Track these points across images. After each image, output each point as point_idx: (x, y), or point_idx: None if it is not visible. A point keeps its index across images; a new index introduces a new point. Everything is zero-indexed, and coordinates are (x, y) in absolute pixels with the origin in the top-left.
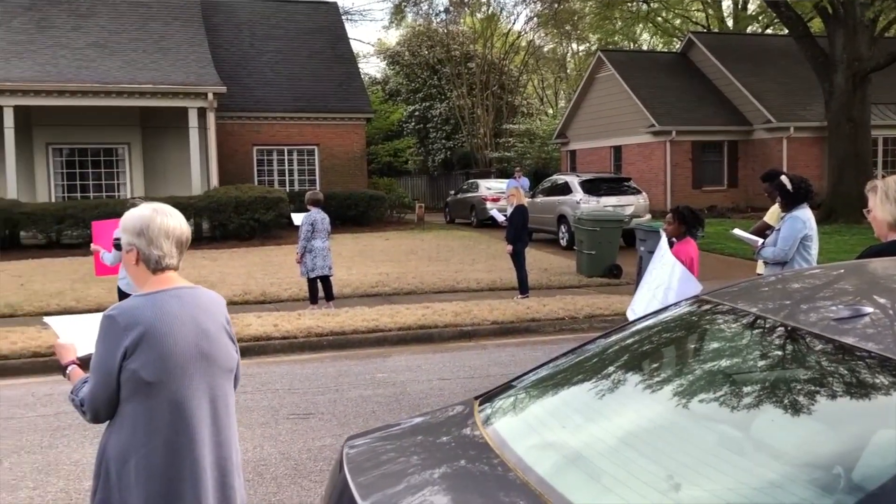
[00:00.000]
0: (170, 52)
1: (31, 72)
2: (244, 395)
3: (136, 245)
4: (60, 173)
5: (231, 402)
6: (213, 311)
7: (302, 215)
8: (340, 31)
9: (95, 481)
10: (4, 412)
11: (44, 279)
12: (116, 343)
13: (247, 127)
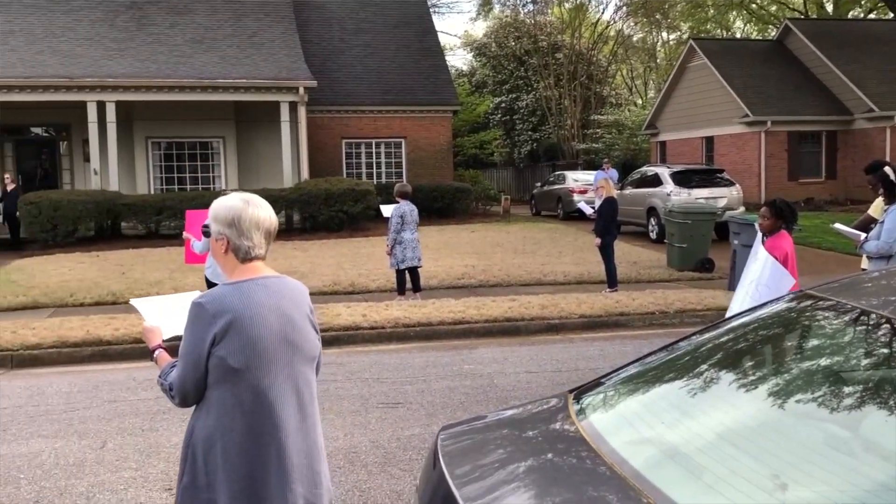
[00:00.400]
0: (263, 47)
1: (132, 68)
2: (334, 384)
3: (226, 235)
4: (159, 166)
5: (314, 390)
6: (298, 301)
7: (391, 207)
8: (428, 24)
9: (182, 464)
10: (107, 395)
11: (144, 268)
12: (205, 330)
13: (336, 120)
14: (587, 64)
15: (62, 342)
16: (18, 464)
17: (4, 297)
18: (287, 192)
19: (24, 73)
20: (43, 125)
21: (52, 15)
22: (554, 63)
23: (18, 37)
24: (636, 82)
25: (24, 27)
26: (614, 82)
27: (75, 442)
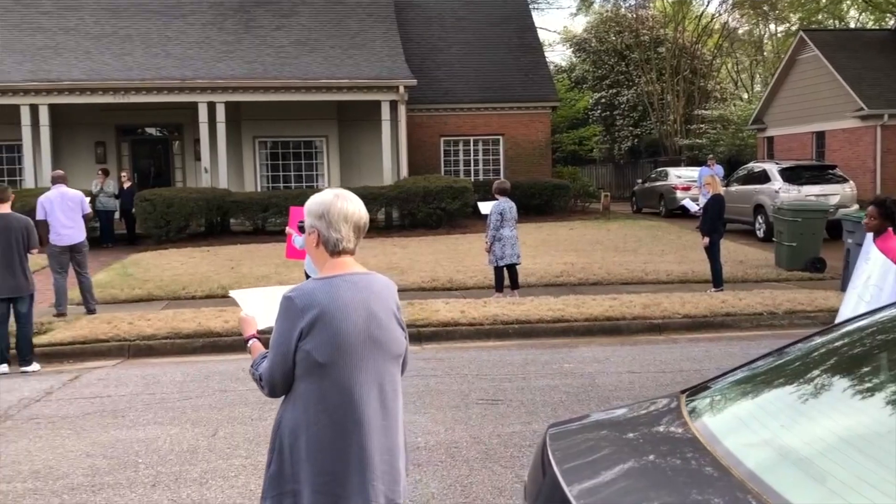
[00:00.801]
0: (364, 47)
1: (241, 70)
2: (434, 379)
3: (317, 227)
4: (265, 164)
5: (398, 388)
6: (385, 297)
7: (489, 204)
8: (527, 20)
9: (270, 453)
10: (218, 385)
11: (251, 263)
12: (293, 323)
13: (435, 118)
14: (691, 58)
15: (175, 333)
16: (136, 448)
17: (122, 289)
18: (387, 189)
19: (140, 75)
20: (157, 125)
21: (166, 20)
22: (656, 57)
23: (136, 41)
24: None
25: (140, 32)
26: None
27: (189, 429)
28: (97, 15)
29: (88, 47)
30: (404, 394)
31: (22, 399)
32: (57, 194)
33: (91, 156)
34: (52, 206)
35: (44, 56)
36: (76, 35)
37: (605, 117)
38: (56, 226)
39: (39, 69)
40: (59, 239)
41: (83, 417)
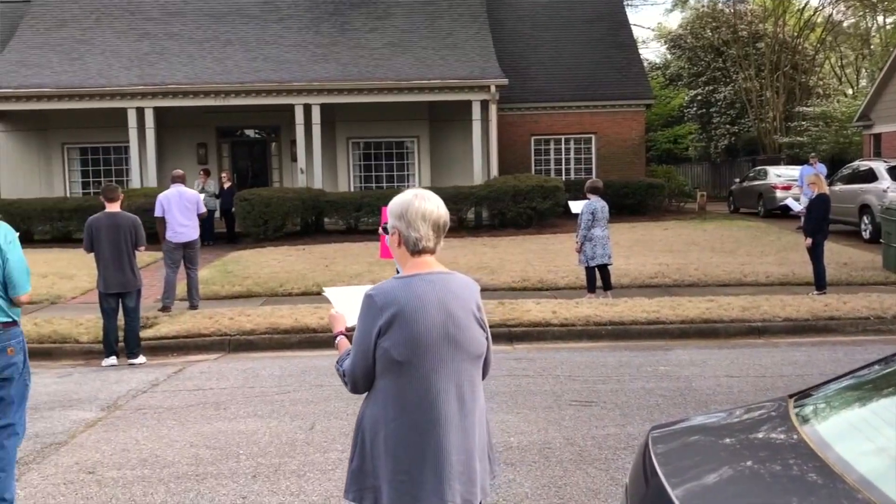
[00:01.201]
0: (456, 47)
1: (336, 72)
2: (526, 379)
3: (397, 227)
4: (358, 165)
5: (478, 388)
6: (464, 297)
7: (580, 203)
8: (621, 17)
9: (353, 448)
10: (314, 380)
11: (345, 261)
12: (373, 321)
13: (526, 117)
14: (791, 53)
15: (273, 329)
16: (238, 440)
17: (222, 286)
18: (477, 189)
19: (239, 79)
20: (255, 127)
21: (264, 24)
22: (755, 53)
23: (235, 45)
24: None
25: (240, 36)
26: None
27: (287, 423)
28: (199, 20)
29: (191, 52)
30: (496, 393)
31: (130, 390)
32: (175, 193)
33: (193, 157)
34: (169, 205)
35: (150, 61)
36: (180, 40)
37: (701, 115)
38: (172, 223)
39: (145, 73)
40: (175, 236)
41: (187, 409)
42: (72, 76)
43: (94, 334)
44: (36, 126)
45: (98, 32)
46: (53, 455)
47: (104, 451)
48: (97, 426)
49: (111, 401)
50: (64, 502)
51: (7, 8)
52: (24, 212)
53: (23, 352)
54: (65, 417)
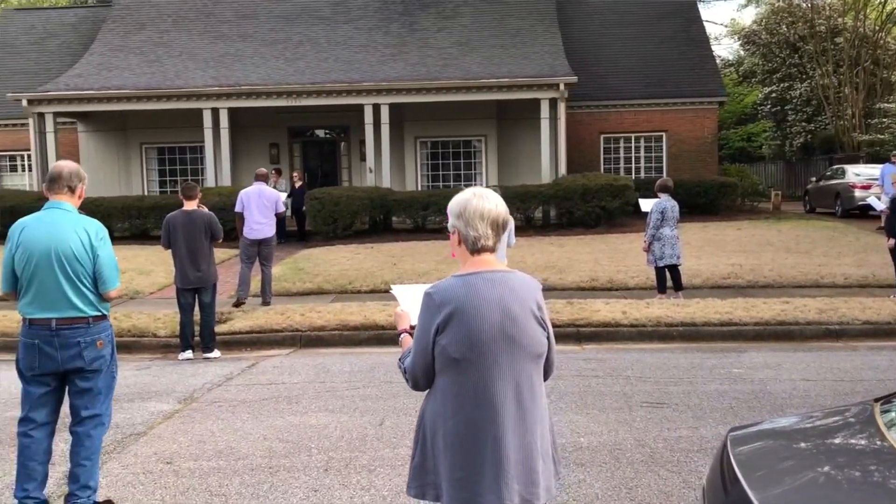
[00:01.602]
0: (525, 46)
1: (404, 72)
2: (596, 380)
3: (457, 227)
4: (426, 164)
5: (538, 388)
6: (523, 296)
7: (650, 201)
8: (693, 13)
9: (415, 444)
10: (383, 377)
11: (412, 259)
12: (431, 319)
13: (595, 115)
14: (872, 47)
15: (343, 325)
16: (310, 434)
17: (294, 283)
18: (545, 187)
19: (310, 79)
20: (325, 127)
21: (334, 25)
22: (833, 48)
23: (306, 46)
24: None
25: (311, 37)
26: None
27: (357, 418)
28: (272, 22)
29: (264, 53)
30: (565, 394)
31: (205, 384)
32: (256, 191)
33: (265, 156)
34: (248, 201)
35: (224, 62)
36: (253, 42)
37: (776, 112)
38: (250, 220)
39: (220, 75)
40: (251, 232)
41: (260, 402)
42: (150, 78)
43: (170, 329)
44: (116, 126)
45: (175, 35)
46: (133, 445)
47: (181, 442)
48: (174, 418)
49: (187, 393)
50: (143, 492)
51: (89, 12)
52: (104, 209)
53: (111, 345)
54: (143, 409)
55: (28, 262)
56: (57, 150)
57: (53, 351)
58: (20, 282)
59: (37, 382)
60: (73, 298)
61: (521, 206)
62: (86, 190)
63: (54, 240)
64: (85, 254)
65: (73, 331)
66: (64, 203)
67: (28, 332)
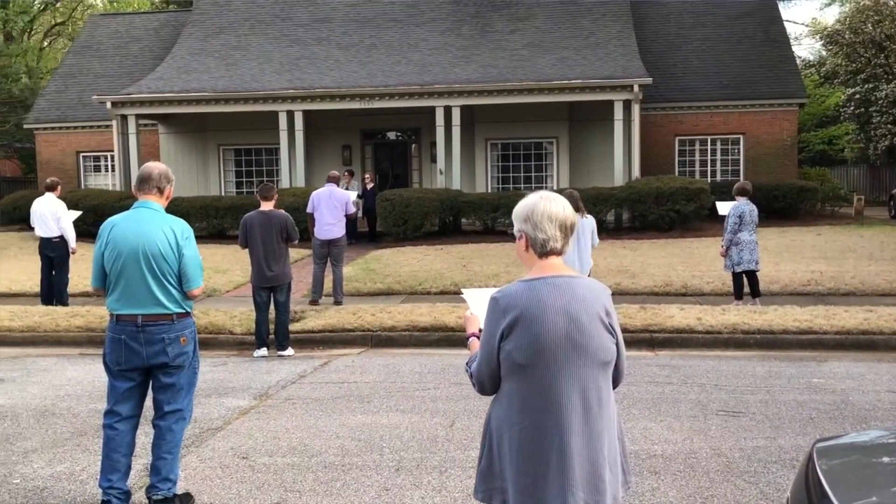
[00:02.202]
0: (598, 47)
1: (476, 74)
2: (669, 387)
3: (524, 231)
4: (496, 166)
5: (605, 395)
6: (590, 302)
7: (728, 204)
8: (773, 12)
9: (482, 448)
10: (453, 378)
11: (482, 262)
12: (496, 324)
13: (669, 117)
14: None
15: (413, 326)
16: (381, 433)
17: (364, 283)
18: (618, 190)
19: (383, 82)
20: (397, 130)
21: (407, 28)
22: None
23: (380, 49)
24: None
25: (384, 41)
26: None
27: (428, 419)
28: (346, 26)
29: (338, 56)
30: (638, 400)
31: (279, 381)
32: (326, 192)
33: (338, 158)
34: (319, 203)
35: (299, 66)
36: (327, 45)
37: (859, 115)
38: (320, 221)
39: (295, 78)
40: (321, 233)
41: (332, 401)
42: (228, 81)
43: (246, 326)
44: (195, 128)
45: (252, 39)
46: (210, 440)
47: (256, 437)
48: (250, 414)
49: (262, 390)
50: (220, 486)
51: (170, 17)
52: (183, 209)
53: (194, 341)
54: (220, 405)
55: (116, 259)
56: (139, 151)
57: (139, 346)
58: (109, 278)
59: (122, 377)
60: (158, 295)
61: (592, 209)
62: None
63: (142, 238)
64: (171, 252)
65: (158, 327)
66: (152, 203)
67: (115, 328)
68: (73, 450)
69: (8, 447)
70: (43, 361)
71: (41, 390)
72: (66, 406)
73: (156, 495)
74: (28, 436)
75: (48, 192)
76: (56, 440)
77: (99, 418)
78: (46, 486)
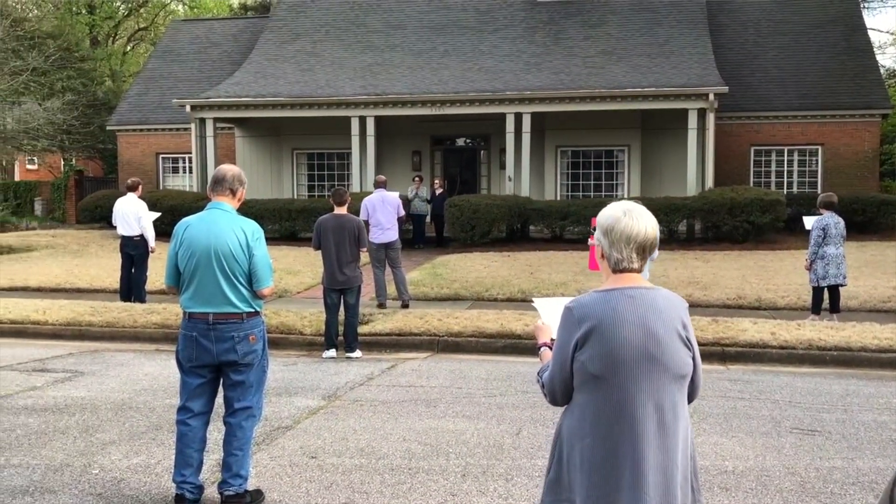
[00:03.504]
0: (672, 55)
1: (548, 80)
2: (742, 402)
3: (601, 243)
4: (566, 174)
5: (680, 410)
6: (668, 315)
7: (813, 219)
8: (857, 20)
9: (550, 459)
10: (520, 386)
11: (549, 269)
12: (570, 334)
13: (745, 127)
14: None
15: (479, 332)
16: (447, 438)
17: (431, 287)
18: (690, 200)
19: (454, 88)
20: (466, 136)
21: (480, 35)
22: None
23: (451, 56)
24: None
25: (456, 47)
26: None
27: (494, 425)
28: (419, 32)
29: (410, 63)
30: (709, 415)
31: (347, 382)
32: (378, 197)
33: (408, 163)
34: (374, 208)
35: (373, 72)
36: (401, 52)
37: None
38: (376, 225)
39: (368, 84)
40: (377, 236)
41: (399, 404)
42: (303, 86)
43: (315, 327)
44: (269, 132)
45: (327, 45)
46: (280, 438)
47: (325, 437)
48: (319, 414)
49: (331, 391)
50: (289, 483)
51: (249, 23)
52: (257, 211)
53: (263, 340)
54: (290, 404)
55: (190, 258)
56: (216, 153)
57: (210, 344)
58: (182, 277)
59: (194, 373)
60: (228, 294)
61: (664, 219)
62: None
63: (214, 238)
64: (241, 252)
65: (228, 325)
66: (224, 204)
67: (187, 325)
68: (148, 443)
69: (88, 438)
70: (121, 356)
71: (119, 384)
72: (143, 400)
73: (227, 490)
74: (107, 428)
75: (129, 192)
76: (133, 433)
77: (173, 413)
78: (123, 478)
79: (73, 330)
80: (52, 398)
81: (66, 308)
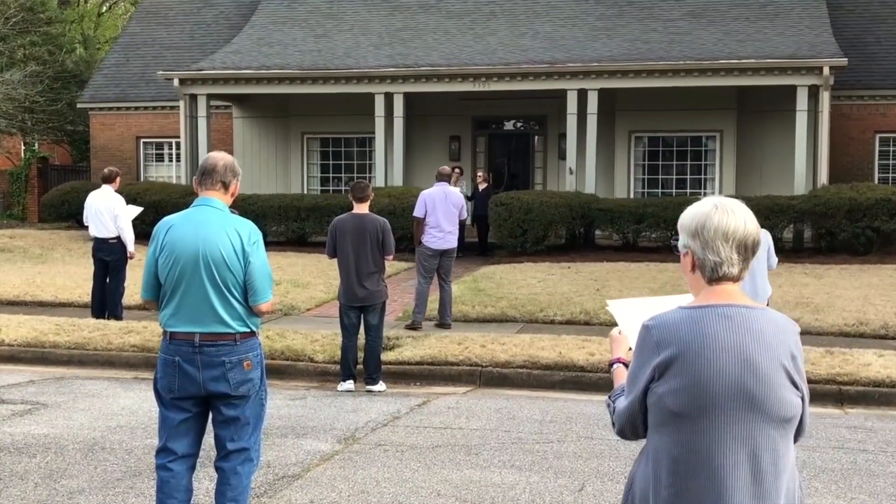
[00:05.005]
0: (777, 18)
1: (619, 50)
2: (864, 455)
3: (691, 248)
4: (641, 166)
5: (783, 460)
6: (773, 343)
7: None
8: None
9: None
10: (582, 431)
11: (621, 285)
12: (647, 359)
13: (868, 109)
14: None
15: (532, 363)
16: (492, 494)
17: (473, 306)
18: (798, 200)
19: (503, 59)
20: (516, 118)
21: None
22: None
23: (500, 18)
24: None
25: (505, 8)
26: None
27: (551, 479)
28: None
29: (448, 27)
30: (822, 471)
31: (369, 422)
32: (441, 193)
33: (444, 151)
34: (434, 206)
35: (402, 38)
36: (437, 13)
37: None
38: (435, 227)
39: (396, 53)
40: (435, 241)
41: (433, 450)
42: (316, 56)
43: (330, 353)
44: (276, 112)
45: (346, 5)
46: (286, 490)
47: (341, 490)
48: (333, 460)
49: (348, 432)
50: None
51: None
52: (258, 209)
53: (260, 367)
54: (298, 447)
55: (173, 266)
56: (209, 138)
57: (195, 371)
58: (163, 289)
59: (176, 407)
60: (219, 310)
61: (765, 224)
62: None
63: (202, 242)
64: (235, 259)
65: (218, 348)
66: (215, 200)
67: (168, 348)
68: (125, 492)
69: (52, 485)
70: (92, 385)
71: (90, 419)
72: (119, 440)
73: None
74: (74, 473)
75: (105, 185)
76: (106, 480)
77: (153, 456)
78: None
79: (35, 352)
80: (8, 435)
81: (26, 325)
